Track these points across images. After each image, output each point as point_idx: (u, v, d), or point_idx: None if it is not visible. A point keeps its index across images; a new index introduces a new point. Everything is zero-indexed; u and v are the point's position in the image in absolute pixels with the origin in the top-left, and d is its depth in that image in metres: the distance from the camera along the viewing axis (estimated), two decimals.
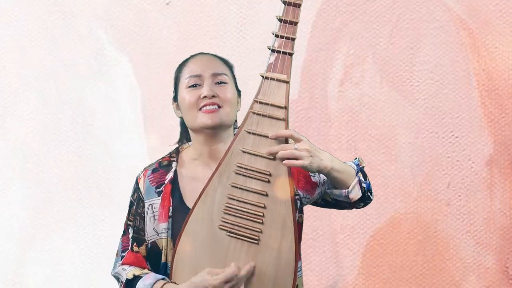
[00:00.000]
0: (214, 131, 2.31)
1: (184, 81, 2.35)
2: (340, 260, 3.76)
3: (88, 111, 3.84)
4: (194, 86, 2.33)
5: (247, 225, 2.19)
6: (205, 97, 2.30)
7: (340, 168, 2.24)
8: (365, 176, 2.32)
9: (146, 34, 3.82)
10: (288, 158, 2.15)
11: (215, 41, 3.78)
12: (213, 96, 2.30)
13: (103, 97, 3.82)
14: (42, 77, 3.84)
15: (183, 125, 2.45)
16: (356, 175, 2.28)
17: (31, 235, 3.85)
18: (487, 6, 3.70)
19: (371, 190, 2.34)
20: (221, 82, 2.34)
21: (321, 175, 2.34)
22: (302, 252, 3.73)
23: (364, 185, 2.29)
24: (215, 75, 2.34)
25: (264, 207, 2.18)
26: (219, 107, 2.30)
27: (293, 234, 2.18)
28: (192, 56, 2.42)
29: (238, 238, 2.19)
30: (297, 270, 2.21)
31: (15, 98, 3.86)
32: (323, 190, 2.36)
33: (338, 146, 3.74)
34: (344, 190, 2.28)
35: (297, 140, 2.17)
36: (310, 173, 2.34)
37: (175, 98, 2.40)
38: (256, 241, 2.18)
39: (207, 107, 2.30)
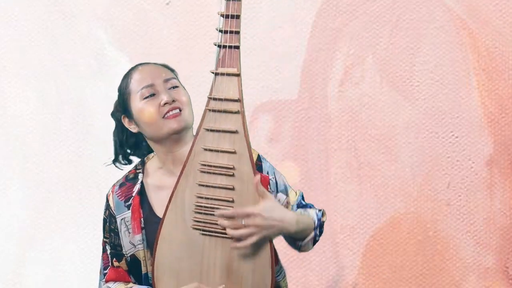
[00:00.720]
0: (179, 135, 2.31)
1: (137, 93, 2.33)
2: (340, 260, 3.76)
3: (88, 111, 3.84)
4: (150, 96, 2.31)
5: (218, 221, 2.19)
6: (166, 103, 2.29)
7: (302, 227, 2.25)
8: (321, 227, 2.33)
9: (146, 34, 3.82)
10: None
11: (215, 41, 3.77)
12: (173, 101, 2.30)
13: (103, 97, 3.83)
14: (42, 77, 3.84)
15: (122, 141, 2.46)
16: (314, 230, 2.29)
17: (31, 235, 3.85)
18: (487, 6, 3.70)
19: (321, 234, 2.35)
20: (174, 87, 2.34)
21: (279, 196, 2.33)
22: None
23: (317, 238, 2.31)
24: (166, 80, 2.34)
25: (232, 201, 2.19)
26: (180, 110, 2.30)
27: None
28: (133, 69, 2.40)
29: (212, 235, 2.20)
30: (274, 259, 2.21)
31: (15, 98, 3.86)
32: None
33: (338, 146, 3.74)
34: (298, 242, 2.30)
35: (243, 215, 2.14)
36: (270, 190, 2.32)
37: (127, 114, 2.38)
38: (230, 236, 2.19)
39: (171, 113, 2.29)
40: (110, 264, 2.38)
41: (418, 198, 3.74)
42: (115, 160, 2.49)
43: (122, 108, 2.40)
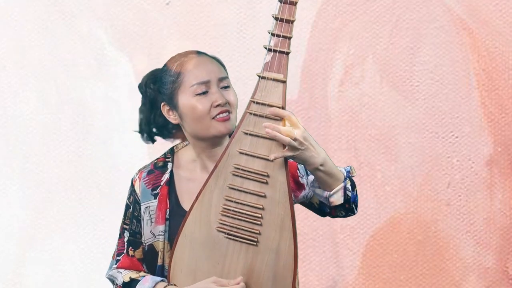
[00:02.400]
0: (221, 139, 2.29)
1: (189, 89, 2.26)
2: (340, 260, 3.76)
3: (88, 111, 3.84)
4: (202, 93, 2.25)
5: (245, 226, 2.16)
6: (218, 105, 2.24)
7: (330, 171, 2.19)
8: (353, 186, 2.26)
9: (146, 34, 3.82)
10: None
11: (215, 41, 3.78)
12: (226, 103, 2.25)
13: (103, 97, 3.82)
14: (42, 77, 3.84)
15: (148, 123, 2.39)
16: (344, 181, 2.22)
17: (31, 235, 3.85)
18: (487, 6, 3.70)
19: (356, 203, 2.28)
20: (226, 87, 2.28)
21: (309, 177, 2.30)
22: (302, 252, 3.74)
23: (349, 193, 2.23)
24: (221, 79, 2.27)
25: (262, 209, 2.15)
26: (230, 113, 2.26)
27: (292, 235, 2.15)
28: (188, 58, 2.31)
29: (237, 240, 2.17)
30: (296, 271, 2.19)
31: (15, 98, 3.86)
32: (309, 193, 2.31)
33: (338, 146, 3.74)
34: (326, 192, 2.22)
35: (293, 125, 2.13)
36: (299, 174, 2.30)
37: (171, 104, 2.30)
38: (255, 243, 2.16)
39: (221, 115, 2.24)
40: (125, 251, 2.34)
41: (418, 198, 3.74)
42: (142, 136, 2.41)
43: (166, 96, 2.30)
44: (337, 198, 2.23)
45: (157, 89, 2.34)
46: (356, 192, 2.28)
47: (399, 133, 3.75)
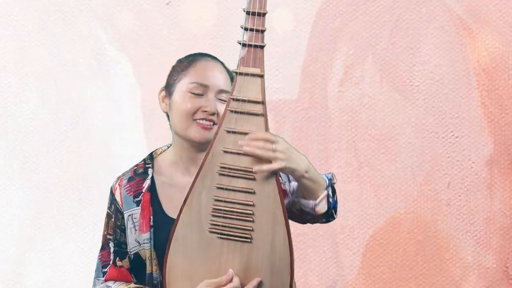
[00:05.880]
0: (198, 144, 2.27)
1: (188, 84, 2.27)
2: (340, 260, 3.76)
3: (88, 111, 3.84)
4: (197, 94, 2.26)
5: (237, 225, 2.15)
6: (205, 111, 2.24)
7: (314, 177, 2.18)
8: (333, 192, 2.26)
9: (146, 34, 3.82)
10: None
11: (215, 41, 3.78)
12: (214, 114, 2.25)
13: (103, 97, 3.83)
14: (42, 77, 3.84)
15: None
16: (326, 189, 2.22)
17: (31, 235, 3.85)
18: (487, 6, 3.70)
19: (336, 208, 2.28)
20: (224, 100, 2.27)
21: (291, 184, 2.30)
22: (302, 252, 3.74)
23: (330, 200, 2.23)
24: (221, 91, 2.27)
25: (253, 205, 2.14)
26: (214, 124, 2.25)
27: (285, 228, 2.14)
28: (201, 58, 2.33)
29: (230, 239, 2.15)
30: (293, 264, 2.18)
31: (15, 98, 3.86)
32: (291, 201, 2.29)
33: (338, 146, 3.74)
34: (311, 202, 2.21)
35: (272, 142, 2.11)
36: (281, 181, 2.28)
37: (169, 91, 2.32)
38: (249, 240, 2.14)
39: (204, 122, 2.25)
40: (111, 262, 2.31)
41: (418, 198, 3.74)
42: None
43: (168, 83, 2.33)
44: (322, 207, 2.23)
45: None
46: (336, 198, 2.28)
47: (399, 133, 3.75)
